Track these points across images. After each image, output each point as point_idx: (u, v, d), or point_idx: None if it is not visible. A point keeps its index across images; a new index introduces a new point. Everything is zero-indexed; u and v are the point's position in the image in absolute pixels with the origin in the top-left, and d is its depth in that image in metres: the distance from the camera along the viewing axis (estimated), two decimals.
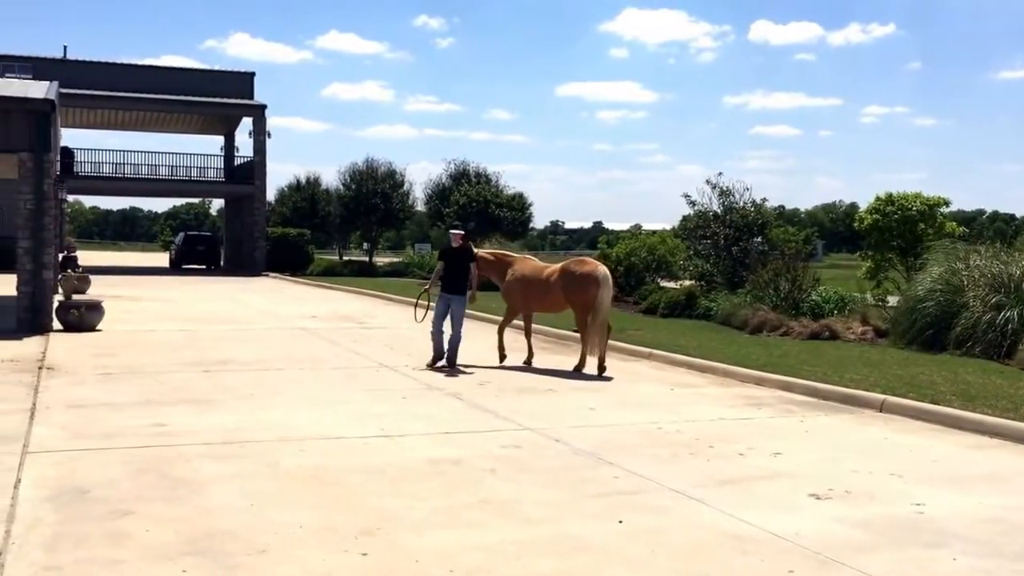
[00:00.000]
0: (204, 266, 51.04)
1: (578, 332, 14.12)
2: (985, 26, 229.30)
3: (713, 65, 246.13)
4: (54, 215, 18.25)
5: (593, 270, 13.62)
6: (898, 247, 22.42)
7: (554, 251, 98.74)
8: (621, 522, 6.34)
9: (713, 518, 6.50)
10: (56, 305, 17.81)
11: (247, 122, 49.32)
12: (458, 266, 13.77)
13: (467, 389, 11.83)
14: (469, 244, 14.44)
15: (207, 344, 16.07)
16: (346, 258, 52.03)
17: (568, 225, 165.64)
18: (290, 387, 11.77)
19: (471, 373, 13.15)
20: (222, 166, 51.80)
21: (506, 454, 8.31)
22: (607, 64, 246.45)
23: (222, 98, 48.54)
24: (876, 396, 10.99)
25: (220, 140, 54.79)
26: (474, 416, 10.11)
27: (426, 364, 13.55)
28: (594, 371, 13.26)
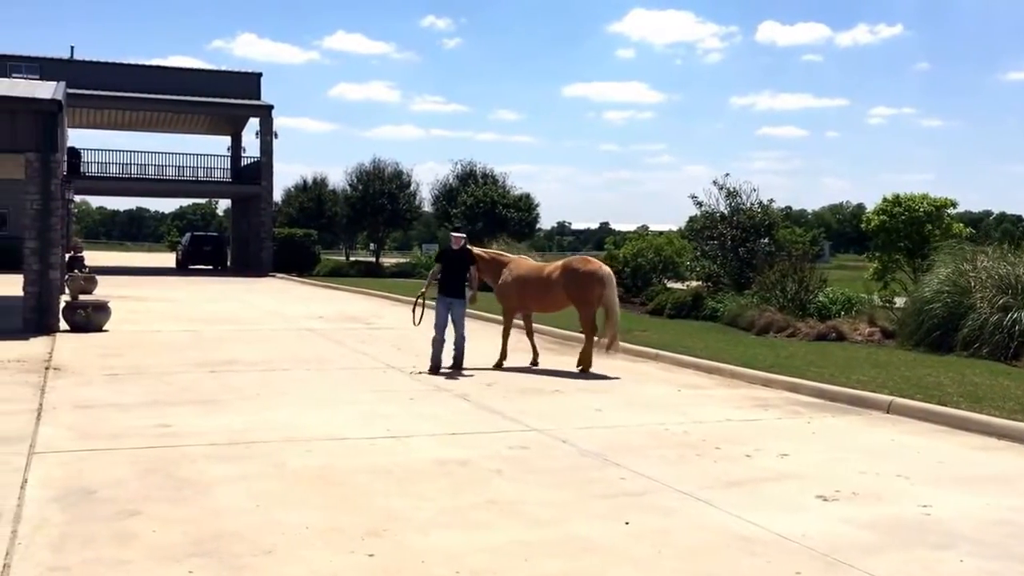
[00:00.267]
0: (210, 266, 51.11)
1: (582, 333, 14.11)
2: (993, 27, 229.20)
3: (720, 66, 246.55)
4: (61, 215, 18.30)
5: (597, 269, 13.66)
6: (905, 248, 22.36)
7: (561, 252, 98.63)
8: (628, 523, 6.33)
9: (720, 519, 6.49)
10: (63, 305, 17.84)
11: (254, 122, 49.43)
12: (458, 268, 13.58)
13: (474, 390, 11.83)
14: (468, 246, 14.21)
15: (213, 344, 16.09)
16: (353, 259, 52.11)
17: (575, 226, 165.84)
18: (297, 388, 11.78)
19: (478, 374, 13.14)
20: (229, 166, 51.86)
21: (513, 455, 8.31)
22: (614, 64, 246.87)
23: (229, 98, 48.62)
24: (883, 397, 10.97)
25: (227, 140, 54.90)
26: (481, 417, 10.11)
27: (427, 371, 13.06)
28: (600, 370, 13.25)
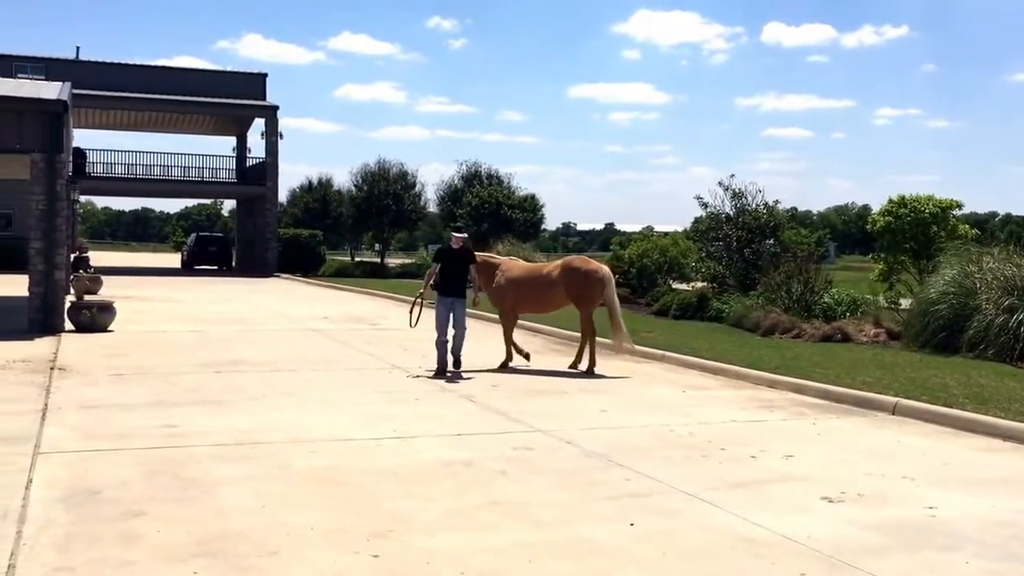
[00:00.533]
0: (216, 267, 51.17)
1: (580, 333, 14.11)
2: (999, 28, 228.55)
3: (725, 67, 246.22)
4: (66, 216, 18.30)
5: (598, 268, 13.82)
6: (911, 249, 22.31)
7: (567, 253, 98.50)
8: (632, 524, 6.32)
9: (725, 521, 6.48)
10: (68, 306, 17.87)
11: (259, 123, 49.48)
12: (458, 268, 13.36)
13: (479, 391, 11.82)
14: (469, 246, 14.03)
15: (219, 345, 16.10)
16: (358, 259, 52.11)
17: (580, 227, 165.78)
18: (302, 388, 11.78)
19: (483, 376, 13.14)
20: (234, 167, 51.95)
21: (518, 456, 8.30)
22: (619, 65, 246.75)
23: (234, 99, 48.69)
24: (889, 399, 10.95)
25: (232, 141, 54.97)
26: (486, 418, 10.10)
27: (432, 374, 12.95)
28: (604, 371, 13.24)
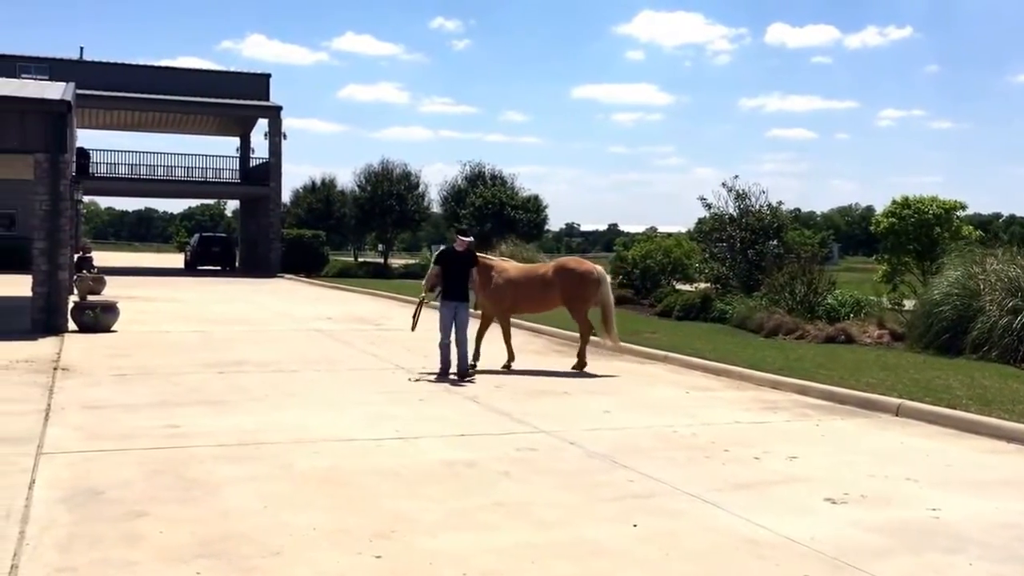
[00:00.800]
0: (219, 267, 51.15)
1: (578, 333, 14.15)
2: (1002, 29, 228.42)
3: (729, 67, 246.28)
4: (69, 216, 18.32)
5: (592, 269, 13.97)
6: (914, 251, 22.30)
7: (570, 253, 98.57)
8: (636, 526, 6.32)
9: (728, 522, 6.47)
10: (71, 306, 17.88)
11: (263, 123, 49.52)
12: (462, 271, 13.11)
13: (483, 392, 11.82)
14: (473, 249, 13.74)
15: (222, 345, 16.11)
16: (361, 260, 52.19)
17: (583, 227, 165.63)
18: (305, 389, 11.78)
19: (487, 376, 13.12)
20: (237, 167, 51.98)
21: (521, 456, 8.29)
22: (623, 66, 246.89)
23: (238, 99, 48.73)
24: (892, 400, 10.94)
25: (236, 141, 55.08)
26: (489, 418, 10.10)
27: (435, 376, 12.80)
28: (608, 372, 13.24)
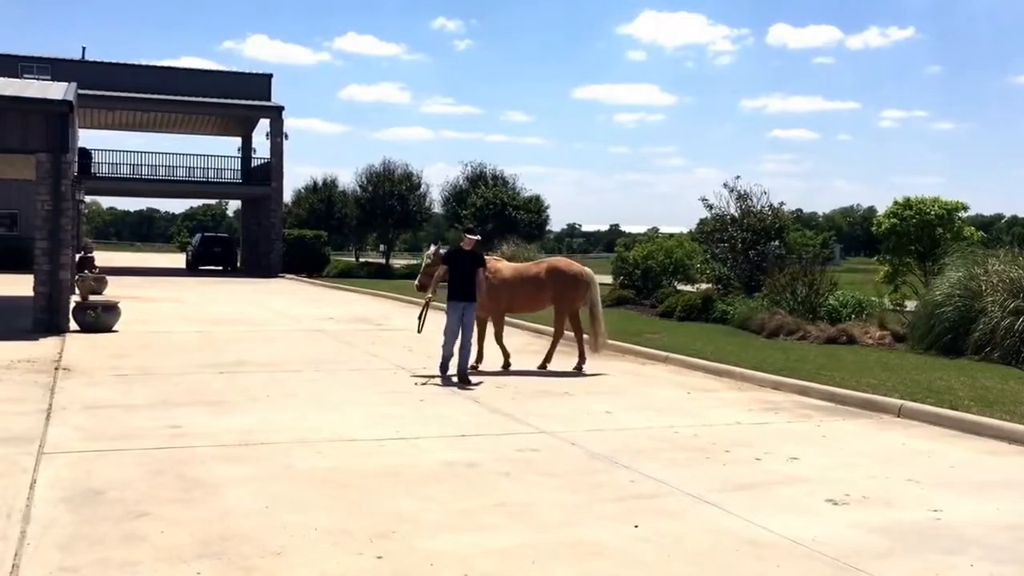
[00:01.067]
0: (221, 267, 51.16)
1: (572, 331, 14.22)
2: (1005, 30, 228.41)
3: (731, 68, 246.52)
4: (71, 216, 18.34)
5: (582, 271, 14.15)
6: (916, 251, 22.28)
7: (572, 254, 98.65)
8: (637, 526, 6.31)
9: (729, 523, 6.46)
10: (73, 306, 17.89)
11: (264, 123, 49.51)
12: (469, 271, 12.87)
13: (484, 392, 11.81)
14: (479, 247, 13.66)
15: (223, 345, 16.11)
16: (362, 260, 52.11)
17: (585, 228, 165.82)
18: (306, 389, 11.78)
19: (488, 377, 13.12)
20: (239, 167, 51.93)
21: (522, 457, 8.29)
22: (625, 67, 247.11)
23: (240, 99, 48.70)
24: (894, 401, 10.93)
25: (237, 141, 55.10)
26: (490, 419, 10.09)
27: (436, 376, 12.64)
28: (609, 373, 13.24)
